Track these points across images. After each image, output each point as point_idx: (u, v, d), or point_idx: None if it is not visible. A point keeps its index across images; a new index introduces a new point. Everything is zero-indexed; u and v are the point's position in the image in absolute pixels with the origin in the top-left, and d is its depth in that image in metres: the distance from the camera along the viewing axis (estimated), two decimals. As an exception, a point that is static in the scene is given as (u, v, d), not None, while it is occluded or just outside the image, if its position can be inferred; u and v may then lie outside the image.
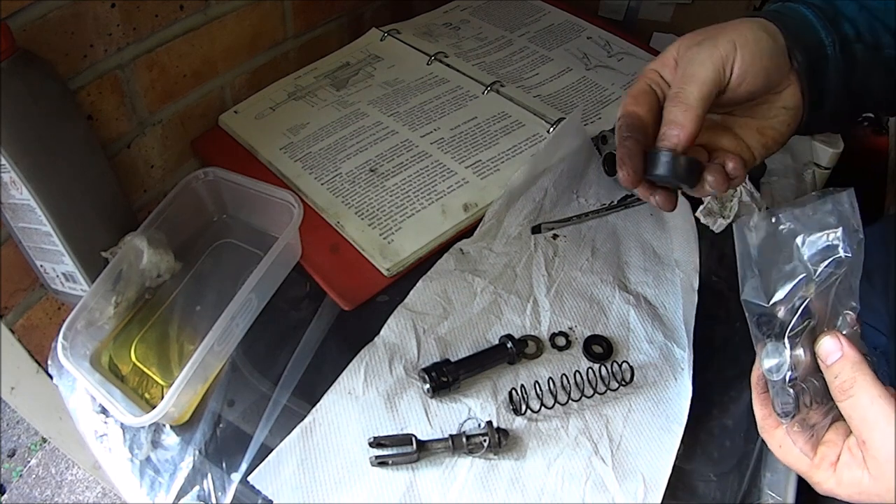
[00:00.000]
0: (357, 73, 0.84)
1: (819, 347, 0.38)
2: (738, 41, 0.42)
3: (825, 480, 0.38)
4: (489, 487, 0.48)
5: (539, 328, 0.58)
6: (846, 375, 0.37)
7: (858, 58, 0.46)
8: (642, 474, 0.49)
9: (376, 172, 0.70)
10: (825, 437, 0.39)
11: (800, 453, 0.39)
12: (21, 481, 1.21)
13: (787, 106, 0.45)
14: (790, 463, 0.40)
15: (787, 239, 0.39)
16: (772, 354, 0.39)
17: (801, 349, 0.38)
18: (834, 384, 0.37)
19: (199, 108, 0.75)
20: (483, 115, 0.77)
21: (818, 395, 0.39)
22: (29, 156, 0.51)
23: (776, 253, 0.39)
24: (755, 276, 0.39)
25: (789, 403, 0.39)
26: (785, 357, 0.38)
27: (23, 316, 0.65)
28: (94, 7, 0.59)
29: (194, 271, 0.63)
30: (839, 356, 0.37)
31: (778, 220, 0.39)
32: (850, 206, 0.38)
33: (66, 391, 0.57)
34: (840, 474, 0.37)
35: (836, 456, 0.38)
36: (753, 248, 0.40)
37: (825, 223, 0.38)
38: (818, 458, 0.39)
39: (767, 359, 0.39)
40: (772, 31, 0.43)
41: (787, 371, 0.38)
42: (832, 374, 0.37)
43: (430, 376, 0.52)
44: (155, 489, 0.50)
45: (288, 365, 0.55)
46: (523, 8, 0.96)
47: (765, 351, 0.39)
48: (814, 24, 0.45)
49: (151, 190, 0.73)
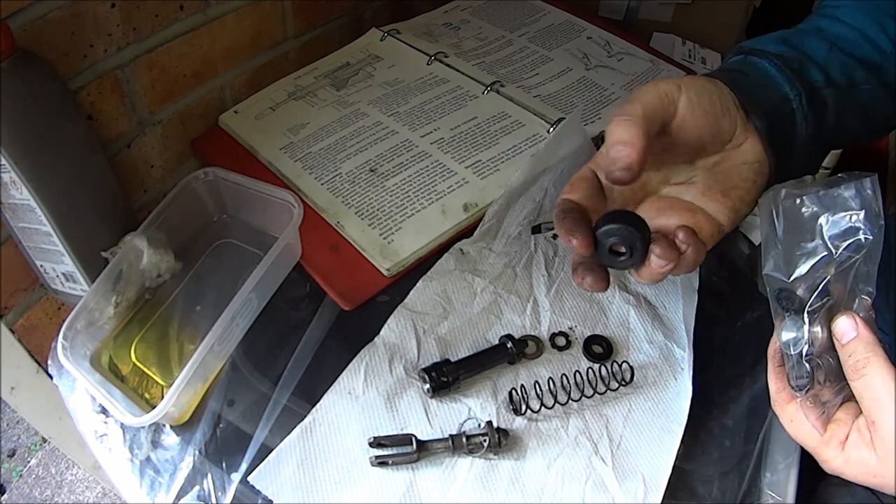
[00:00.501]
0: (357, 73, 0.84)
1: (835, 326, 0.39)
2: (681, 83, 0.41)
3: (833, 458, 0.39)
4: (489, 487, 0.48)
5: (539, 328, 0.58)
6: (860, 355, 0.37)
7: (830, 104, 0.45)
8: (642, 474, 0.49)
9: (376, 172, 0.70)
10: (836, 416, 0.40)
11: (811, 428, 0.40)
12: (21, 481, 1.21)
13: (748, 161, 0.43)
14: (800, 438, 0.41)
15: (810, 219, 0.39)
16: (790, 328, 0.39)
17: (819, 326, 0.39)
18: (847, 363, 0.38)
19: (199, 108, 0.75)
20: (483, 115, 0.77)
21: (832, 374, 0.39)
22: (29, 156, 0.51)
23: (799, 231, 0.39)
24: (778, 251, 0.40)
25: (804, 377, 0.39)
26: (803, 332, 0.39)
27: (23, 316, 0.65)
28: (94, 7, 0.59)
29: (194, 271, 0.63)
30: (854, 335, 0.38)
31: (802, 201, 0.39)
32: (873, 192, 0.38)
33: (66, 391, 0.57)
34: (848, 453, 0.38)
35: (845, 435, 0.38)
36: (779, 223, 0.40)
37: (848, 205, 0.38)
38: (828, 435, 0.39)
39: (786, 332, 0.40)
40: (719, 85, 0.42)
41: (804, 345, 0.39)
42: (846, 353, 0.38)
43: (430, 376, 0.52)
44: (155, 489, 0.50)
45: (288, 365, 0.55)
46: (523, 8, 0.96)
47: (784, 325, 0.40)
48: (776, 79, 0.44)
49: (151, 190, 0.73)
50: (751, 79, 0.44)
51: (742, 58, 0.46)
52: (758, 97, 0.43)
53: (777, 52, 0.45)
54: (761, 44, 0.47)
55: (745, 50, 0.47)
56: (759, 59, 0.45)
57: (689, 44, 0.93)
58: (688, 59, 0.90)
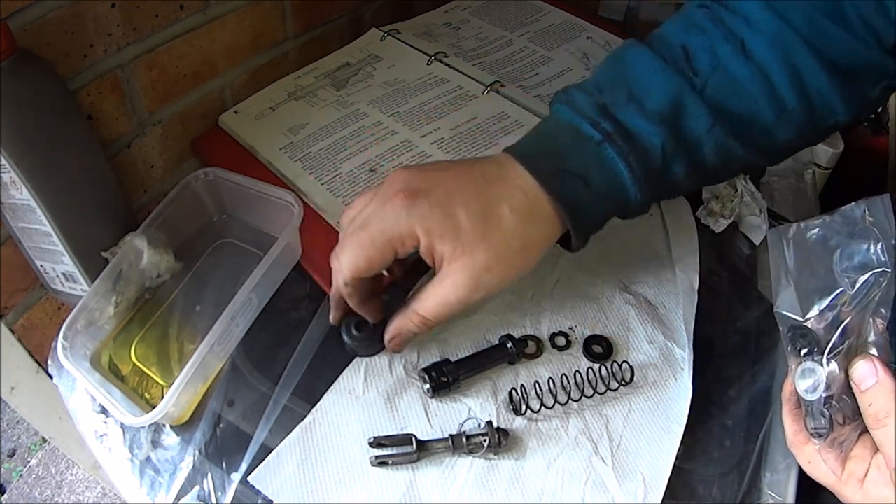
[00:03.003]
0: (357, 73, 0.84)
1: (853, 371, 0.37)
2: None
3: (852, 495, 0.38)
4: (489, 487, 0.48)
5: (539, 328, 0.58)
6: (881, 404, 0.35)
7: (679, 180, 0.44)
8: (642, 474, 0.49)
9: (376, 172, 0.70)
10: (853, 453, 0.38)
11: (828, 470, 0.39)
12: (21, 481, 1.21)
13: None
14: (818, 478, 0.40)
15: (821, 250, 0.37)
16: (808, 375, 0.38)
17: (836, 365, 0.37)
18: (868, 411, 0.36)
19: (199, 108, 0.75)
20: (483, 115, 0.77)
21: (849, 412, 0.38)
22: (29, 156, 0.51)
23: (811, 264, 0.38)
24: (790, 287, 0.38)
25: (823, 427, 0.38)
26: (821, 377, 0.37)
27: (23, 316, 0.65)
28: (94, 7, 0.59)
29: (194, 271, 0.63)
30: (874, 382, 0.36)
31: (811, 230, 0.37)
32: (885, 214, 0.36)
33: (66, 391, 0.57)
34: (867, 491, 0.37)
35: (863, 472, 0.37)
36: (789, 258, 0.38)
37: (860, 233, 0.36)
38: (846, 474, 0.38)
39: (802, 379, 0.38)
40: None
41: (822, 392, 0.37)
42: (866, 401, 0.36)
43: (430, 376, 0.52)
44: (155, 489, 0.50)
45: (288, 365, 0.55)
46: (523, 8, 0.96)
47: (801, 370, 0.38)
48: (624, 184, 0.43)
49: (151, 190, 0.73)
50: (591, 189, 0.42)
51: (595, 142, 0.43)
52: (591, 219, 0.43)
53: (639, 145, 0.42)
54: (628, 117, 0.43)
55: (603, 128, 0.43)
56: (619, 158, 0.42)
57: (688, 44, 0.93)
58: (688, 59, 0.90)
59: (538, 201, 0.43)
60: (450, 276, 0.41)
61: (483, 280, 0.41)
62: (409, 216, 0.41)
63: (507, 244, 0.42)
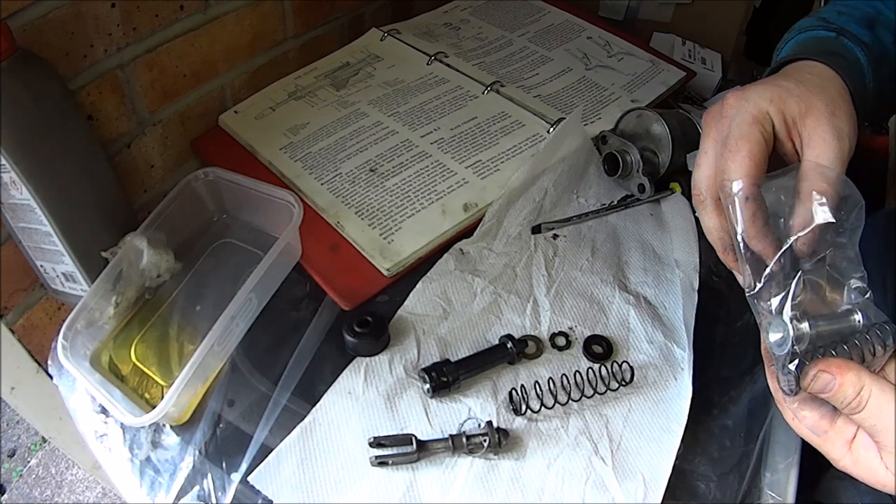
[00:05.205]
0: (357, 73, 0.84)
1: (813, 386, 0.37)
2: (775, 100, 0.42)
3: (841, 458, 0.38)
4: (489, 487, 0.48)
5: (539, 328, 0.58)
6: (850, 397, 0.36)
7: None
8: (642, 474, 0.49)
9: (376, 172, 0.70)
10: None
11: (813, 425, 0.38)
12: (21, 481, 1.21)
13: None
14: (804, 435, 0.40)
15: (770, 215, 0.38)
16: (776, 329, 0.38)
17: (805, 322, 0.37)
18: (843, 409, 0.36)
19: (199, 108, 0.75)
20: (483, 115, 0.77)
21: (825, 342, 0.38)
22: (29, 156, 0.51)
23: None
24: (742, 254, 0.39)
25: (792, 382, 0.38)
26: (788, 332, 0.37)
27: (23, 316, 0.65)
28: (94, 7, 0.59)
29: (194, 271, 0.63)
30: (835, 384, 0.36)
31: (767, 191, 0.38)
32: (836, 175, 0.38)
33: (66, 391, 0.57)
34: (856, 453, 0.37)
35: (852, 434, 0.37)
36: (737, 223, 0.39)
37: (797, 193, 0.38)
38: (833, 432, 0.38)
39: (773, 333, 0.38)
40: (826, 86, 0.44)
41: (788, 346, 0.37)
42: (837, 402, 0.36)
43: (430, 376, 0.52)
44: (155, 489, 0.50)
45: (288, 365, 0.55)
46: (523, 8, 0.96)
47: (770, 324, 0.39)
48: (863, 71, 0.47)
49: (151, 190, 0.73)
50: (848, 63, 0.46)
51: (834, 36, 0.48)
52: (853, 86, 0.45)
53: (865, 42, 0.47)
54: (845, 23, 0.48)
55: (835, 27, 0.48)
56: (853, 44, 0.47)
57: (689, 44, 0.93)
58: (688, 59, 0.90)
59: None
60: (816, 131, 0.42)
61: (834, 122, 0.43)
62: (752, 97, 0.43)
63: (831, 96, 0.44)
